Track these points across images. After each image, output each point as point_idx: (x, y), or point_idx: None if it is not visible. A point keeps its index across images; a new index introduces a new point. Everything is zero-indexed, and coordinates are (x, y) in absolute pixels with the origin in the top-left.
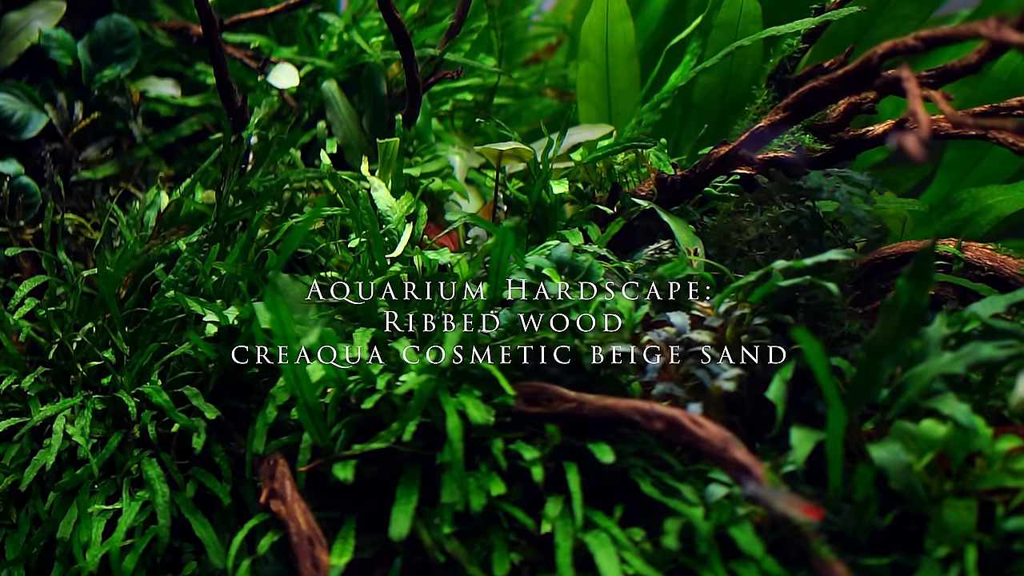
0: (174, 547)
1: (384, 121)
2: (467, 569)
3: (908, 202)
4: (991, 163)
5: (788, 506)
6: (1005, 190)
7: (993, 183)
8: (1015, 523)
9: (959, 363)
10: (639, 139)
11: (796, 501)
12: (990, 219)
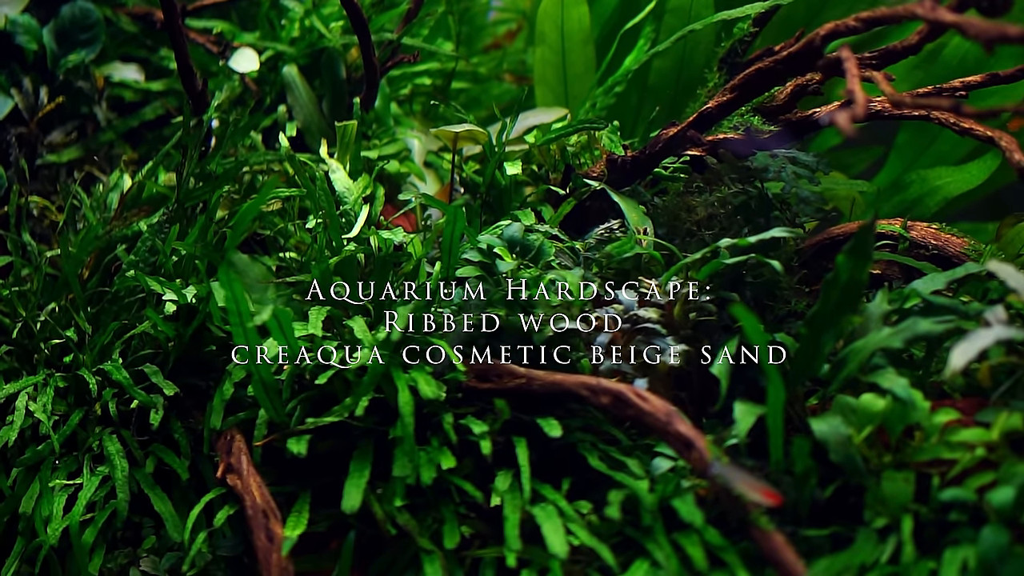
0: (134, 522)
1: (343, 105)
2: (418, 541)
3: (857, 183)
4: (942, 146)
5: (748, 489)
6: (952, 172)
7: (943, 165)
8: (950, 493)
9: (897, 338)
10: (591, 121)
11: (756, 484)
12: (938, 200)
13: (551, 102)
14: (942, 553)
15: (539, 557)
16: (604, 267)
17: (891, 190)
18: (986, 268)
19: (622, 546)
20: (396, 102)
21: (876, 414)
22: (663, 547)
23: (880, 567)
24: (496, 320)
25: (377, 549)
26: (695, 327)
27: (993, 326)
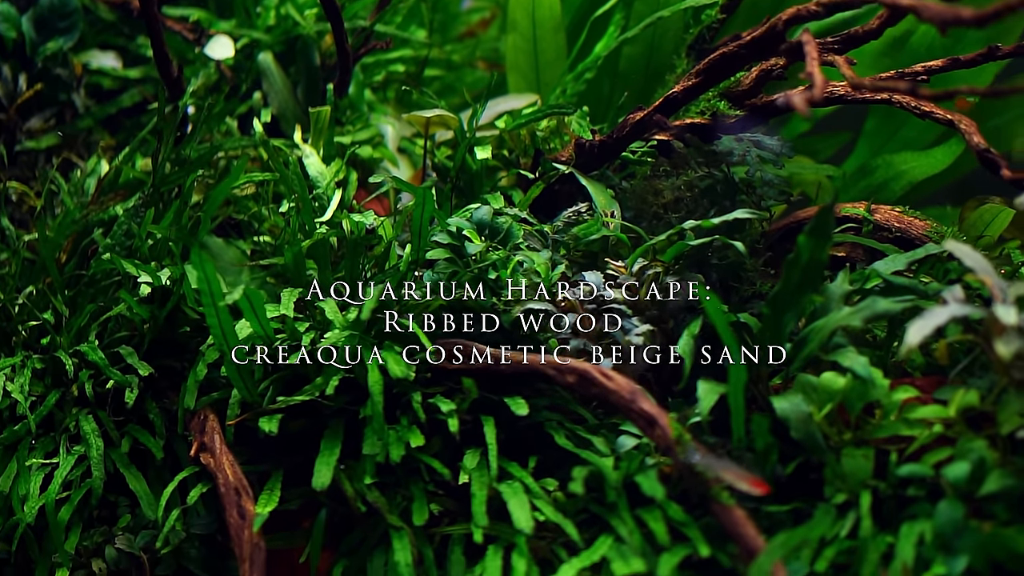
0: (109, 501)
1: (318, 91)
2: (387, 518)
3: (824, 168)
4: (909, 132)
5: (734, 478)
6: (918, 156)
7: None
8: (908, 469)
9: (857, 316)
10: (560, 106)
11: (741, 473)
12: (903, 184)
13: (523, 89)
14: (899, 528)
15: (505, 533)
16: (572, 249)
17: (857, 175)
18: (946, 249)
19: (588, 522)
20: (370, 89)
21: (836, 392)
22: (627, 523)
23: (839, 541)
24: (465, 302)
25: (348, 527)
26: (661, 308)
27: (949, 304)
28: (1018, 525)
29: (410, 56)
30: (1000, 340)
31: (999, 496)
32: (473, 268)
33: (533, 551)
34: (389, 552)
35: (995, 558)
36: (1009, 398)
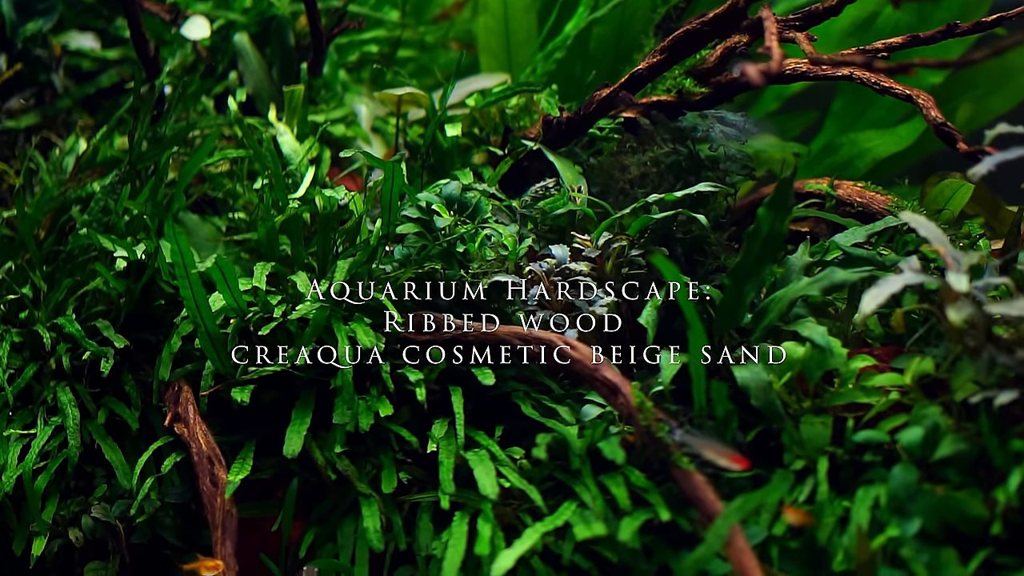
0: (86, 472)
1: (292, 71)
2: (357, 486)
3: (790, 145)
4: (876, 112)
5: (716, 455)
6: (882, 134)
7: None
8: (864, 435)
9: (815, 286)
10: (528, 84)
11: (723, 450)
12: (867, 162)
13: (495, 69)
14: (856, 492)
15: (472, 500)
16: (539, 223)
17: (823, 153)
18: (904, 221)
19: (553, 490)
20: (345, 70)
21: (796, 361)
22: (590, 489)
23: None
24: (433, 275)
25: (319, 496)
26: (626, 280)
27: (905, 273)
28: (970, 488)
29: (384, 37)
30: (952, 307)
31: (952, 460)
32: (442, 242)
33: (499, 517)
34: (359, 519)
35: (948, 521)
36: (963, 365)
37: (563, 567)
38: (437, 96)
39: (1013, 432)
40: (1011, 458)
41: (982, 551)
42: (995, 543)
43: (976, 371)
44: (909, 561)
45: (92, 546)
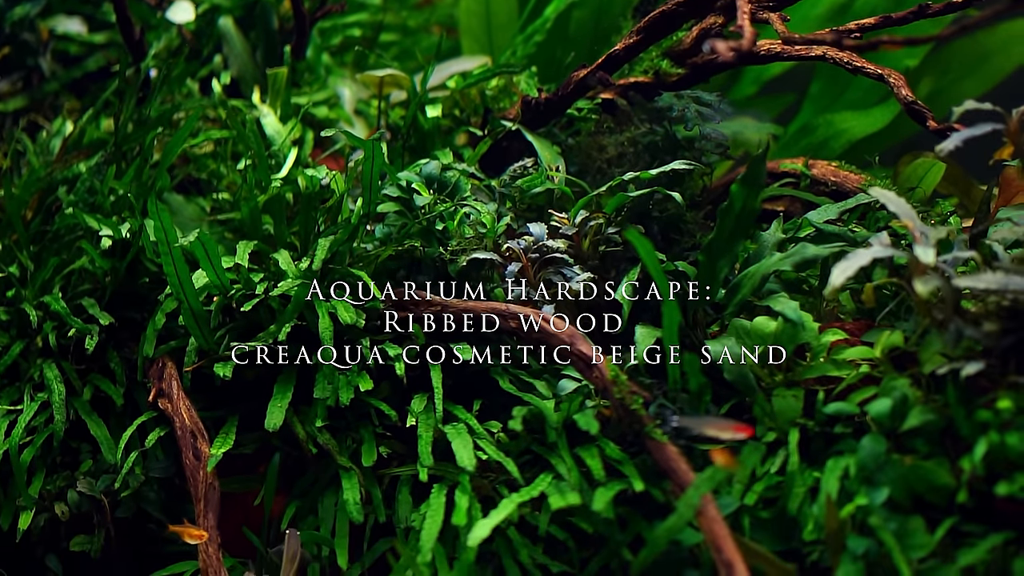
0: (72, 448)
1: (276, 55)
2: (337, 460)
3: (766, 127)
4: (853, 94)
5: (719, 430)
6: (857, 116)
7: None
8: (834, 407)
9: (787, 261)
10: (508, 65)
11: (724, 424)
12: (843, 143)
13: (476, 52)
14: (826, 463)
15: (450, 473)
16: (517, 202)
17: (799, 134)
18: (875, 198)
19: (530, 463)
20: (328, 53)
21: (768, 335)
22: (566, 461)
23: (768, 477)
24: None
25: (300, 470)
26: (603, 258)
27: (874, 246)
28: (938, 458)
29: (367, 21)
30: (919, 280)
31: (920, 431)
32: (421, 220)
33: (476, 489)
34: (339, 493)
35: (915, 490)
36: (931, 338)
37: (540, 538)
38: (418, 78)
39: (979, 403)
40: (977, 428)
41: (949, 519)
42: (961, 511)
43: (944, 343)
44: (877, 529)
45: (78, 520)
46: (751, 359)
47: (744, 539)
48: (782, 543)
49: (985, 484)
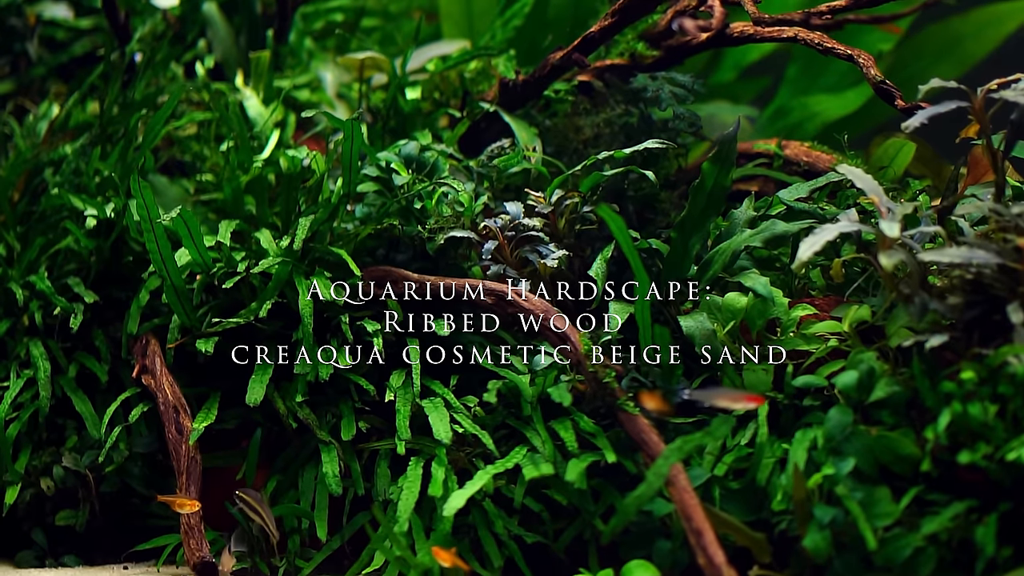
0: (58, 424)
1: (259, 39)
2: (317, 434)
3: (742, 109)
4: (829, 79)
5: (729, 400)
6: (831, 98)
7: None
8: (803, 380)
9: (757, 237)
10: (486, 48)
11: (734, 394)
12: (817, 124)
13: (457, 37)
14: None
15: (427, 446)
16: (495, 182)
17: (774, 116)
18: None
19: (506, 437)
20: (311, 38)
21: (739, 310)
22: (540, 434)
23: (738, 449)
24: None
25: (282, 446)
26: (578, 236)
27: (840, 221)
28: (903, 429)
29: (348, 6)
30: (884, 253)
31: (886, 403)
32: (400, 199)
33: (453, 462)
34: (319, 467)
35: (881, 460)
36: (898, 312)
37: (515, 510)
38: (399, 62)
39: (944, 374)
40: (941, 399)
41: (913, 488)
42: (926, 481)
43: (910, 317)
44: (844, 499)
45: (63, 495)
46: (722, 333)
47: (714, 509)
48: (752, 513)
49: (949, 454)
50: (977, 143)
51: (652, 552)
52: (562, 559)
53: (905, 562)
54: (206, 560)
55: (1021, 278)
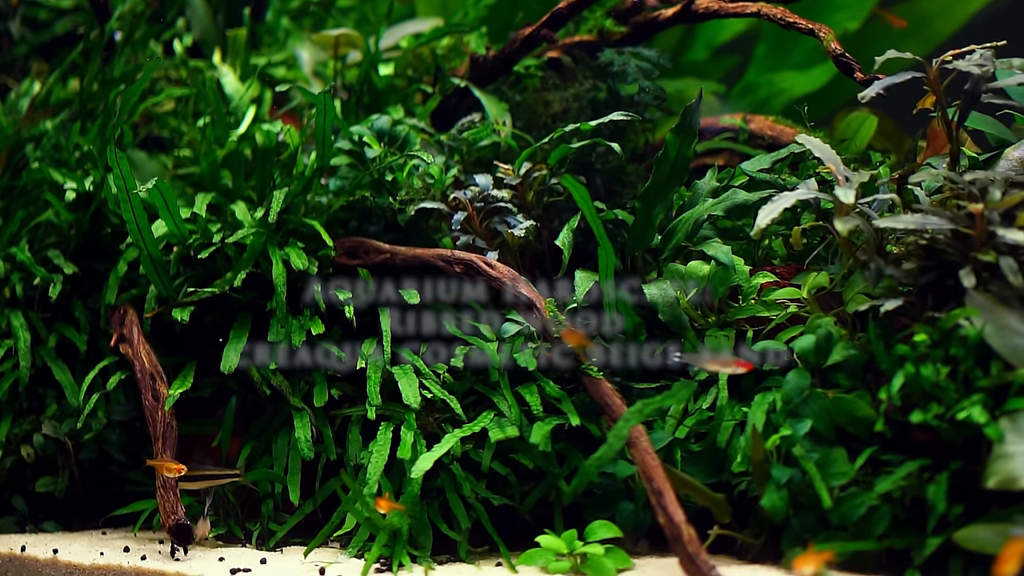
0: (38, 394)
1: (237, 18)
2: (290, 401)
3: (709, 85)
4: (797, 57)
5: (721, 365)
6: (797, 75)
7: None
8: (762, 345)
9: (719, 207)
10: (457, 25)
11: (724, 359)
12: (784, 100)
13: (431, 15)
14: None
15: (397, 412)
16: (465, 154)
17: (742, 93)
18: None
19: (475, 404)
20: (289, 17)
21: (701, 278)
22: (507, 398)
23: (700, 412)
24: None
25: (257, 413)
26: (546, 208)
27: (798, 189)
28: (859, 392)
29: None
30: (840, 220)
31: (843, 366)
32: (372, 171)
33: (422, 427)
34: (292, 433)
35: (837, 422)
36: (855, 278)
37: (483, 474)
38: (373, 39)
39: (898, 338)
40: (895, 361)
41: (868, 449)
42: (881, 442)
43: (866, 283)
44: (800, 459)
45: (43, 462)
46: (685, 301)
47: (676, 470)
48: (713, 475)
49: (902, 415)
50: (936, 115)
51: (615, 513)
52: (528, 521)
53: (860, 520)
54: (181, 522)
55: (974, 243)
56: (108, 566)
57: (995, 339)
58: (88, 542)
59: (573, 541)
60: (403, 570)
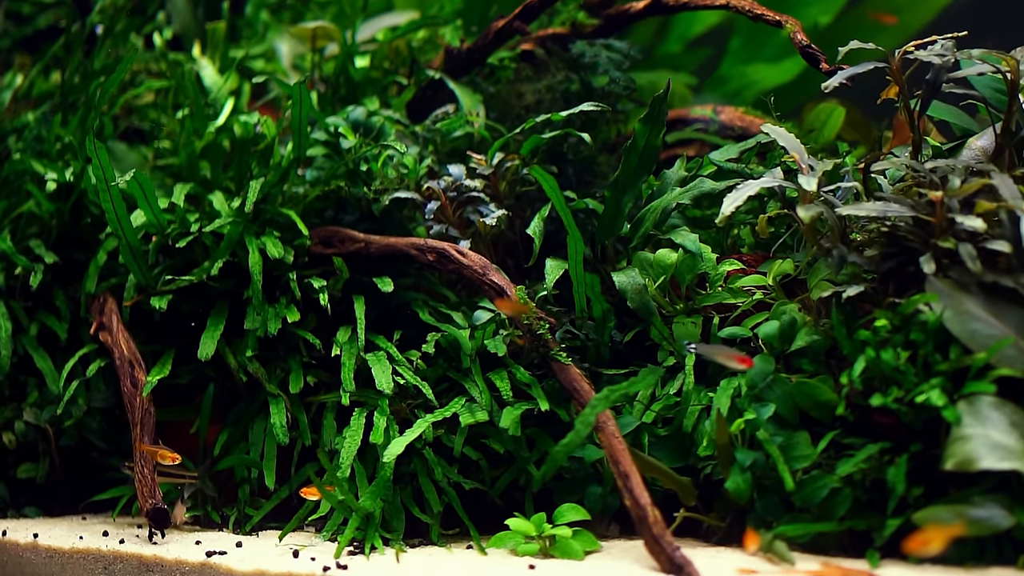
0: (20, 382)
1: (216, 11)
2: (267, 387)
3: (681, 76)
4: (770, 51)
5: (726, 358)
6: (768, 67)
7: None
8: (729, 331)
9: (686, 195)
10: (432, 17)
11: (733, 353)
12: (755, 92)
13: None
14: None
15: (371, 398)
16: (439, 145)
17: (713, 84)
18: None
19: (447, 390)
20: (268, 12)
21: (669, 266)
22: (478, 384)
23: (667, 398)
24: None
25: (234, 401)
26: (518, 198)
27: (762, 178)
28: (822, 376)
29: None
30: (803, 207)
31: (806, 351)
32: (348, 162)
33: (395, 412)
34: (268, 419)
35: (801, 406)
36: (819, 266)
37: (455, 459)
38: (349, 33)
39: (860, 323)
40: (857, 346)
41: (830, 432)
42: (843, 425)
43: (829, 269)
44: (764, 443)
45: (24, 448)
46: (653, 288)
47: (643, 454)
48: (680, 459)
49: (863, 399)
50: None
51: (584, 497)
52: (499, 504)
53: (822, 502)
54: (158, 507)
55: (934, 230)
56: (87, 550)
57: (954, 324)
58: (68, 527)
59: (542, 524)
60: (375, 552)
